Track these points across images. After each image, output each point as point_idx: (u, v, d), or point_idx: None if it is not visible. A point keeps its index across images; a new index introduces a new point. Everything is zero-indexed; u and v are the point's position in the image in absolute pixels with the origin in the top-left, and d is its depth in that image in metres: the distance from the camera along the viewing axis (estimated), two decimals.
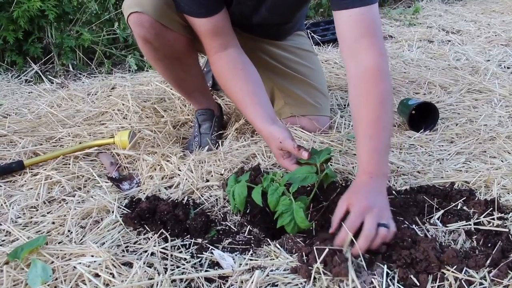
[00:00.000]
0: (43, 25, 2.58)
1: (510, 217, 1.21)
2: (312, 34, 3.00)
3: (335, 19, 1.31)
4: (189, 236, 1.19)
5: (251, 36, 1.75)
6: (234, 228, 1.22)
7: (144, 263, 1.07)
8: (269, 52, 1.79)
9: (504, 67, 2.65)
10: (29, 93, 2.37)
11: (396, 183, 1.42)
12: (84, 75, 2.58)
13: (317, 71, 1.84)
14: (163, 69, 1.63)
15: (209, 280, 1.04)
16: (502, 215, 1.21)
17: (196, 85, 1.72)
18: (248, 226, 1.21)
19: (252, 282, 0.99)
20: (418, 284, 0.98)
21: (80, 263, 1.07)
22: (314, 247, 1.04)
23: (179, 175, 1.47)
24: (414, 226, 1.14)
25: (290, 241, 1.12)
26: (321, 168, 1.22)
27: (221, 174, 1.44)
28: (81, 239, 1.20)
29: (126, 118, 1.92)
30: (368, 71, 1.23)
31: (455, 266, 0.99)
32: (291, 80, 1.78)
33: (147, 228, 1.21)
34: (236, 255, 1.11)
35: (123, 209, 1.31)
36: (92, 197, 1.40)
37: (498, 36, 3.41)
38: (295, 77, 1.79)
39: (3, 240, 1.22)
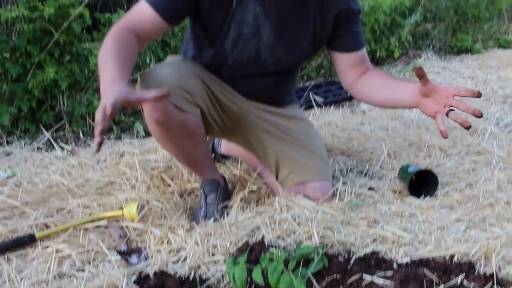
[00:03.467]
0: (56, 94, 2.70)
1: None
2: (314, 96, 3.09)
3: (341, 56, 1.77)
4: None
5: (256, 105, 1.83)
6: None
7: None
8: (272, 122, 1.86)
9: (502, 125, 2.72)
10: (40, 160, 2.45)
11: (397, 254, 1.45)
12: (94, 141, 2.67)
13: (317, 139, 1.93)
14: (173, 147, 1.71)
15: None
16: None
17: (203, 159, 1.79)
18: None
19: None
20: None
21: None
22: None
23: (186, 249, 1.51)
24: None
25: None
26: None
27: (226, 248, 1.48)
28: None
29: (134, 188, 1.98)
30: (376, 71, 1.80)
31: None
32: (295, 148, 1.85)
33: None
34: None
35: (131, 285, 1.34)
36: (101, 272, 1.44)
37: (495, 93, 3.50)
38: (298, 145, 1.85)
39: None
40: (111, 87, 1.28)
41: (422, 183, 1.88)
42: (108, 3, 2.86)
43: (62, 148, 2.59)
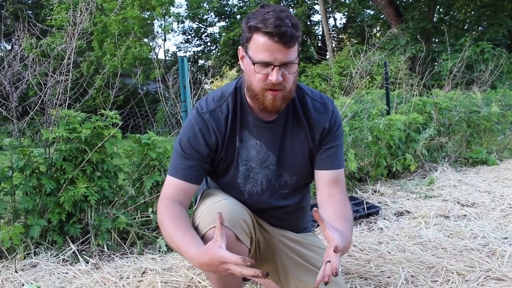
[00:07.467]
0: (85, 208, 2.84)
1: None
2: None
3: (318, 173, 1.82)
4: None
5: (279, 231, 1.91)
6: None
7: None
8: (295, 250, 1.92)
9: None
10: (65, 274, 2.52)
11: None
12: (117, 255, 2.75)
13: None
14: (217, 276, 1.72)
15: None
16: None
17: (236, 286, 1.83)
18: None
19: None
20: None
21: None
22: None
23: None
24: None
25: None
26: None
27: None
28: None
29: None
30: (340, 200, 1.76)
31: None
32: (315, 277, 1.88)
33: None
34: None
35: None
36: None
37: None
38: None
39: None
40: (208, 256, 1.42)
41: None
42: (138, 124, 3.09)
43: (87, 262, 2.67)
